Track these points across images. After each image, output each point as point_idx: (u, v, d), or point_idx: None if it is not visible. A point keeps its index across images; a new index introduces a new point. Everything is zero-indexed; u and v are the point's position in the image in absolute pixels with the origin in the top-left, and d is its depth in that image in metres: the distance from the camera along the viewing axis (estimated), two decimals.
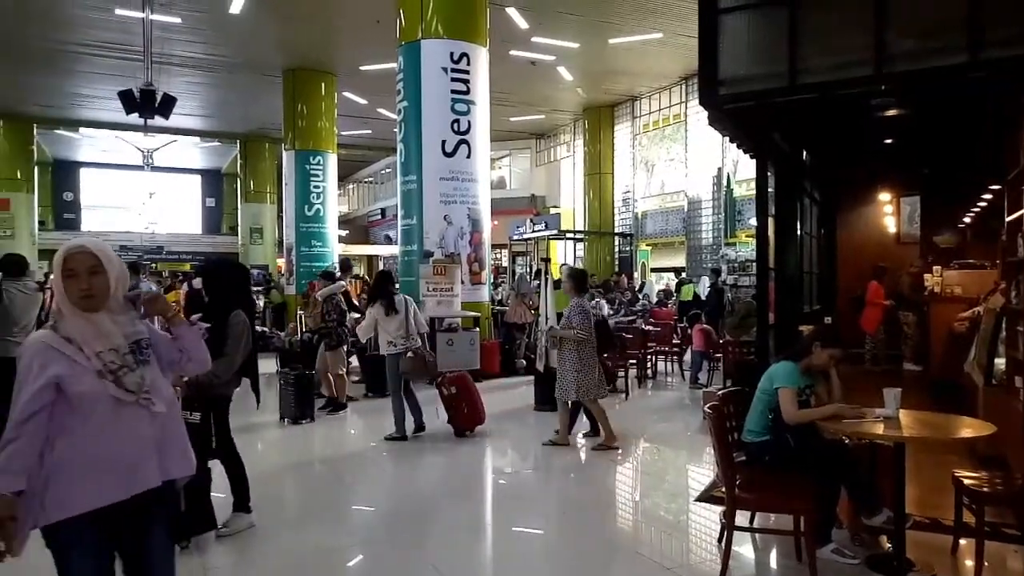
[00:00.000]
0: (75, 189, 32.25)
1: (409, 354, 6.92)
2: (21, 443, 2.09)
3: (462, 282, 10.61)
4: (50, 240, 26.68)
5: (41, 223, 25.17)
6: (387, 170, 31.02)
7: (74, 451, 2.16)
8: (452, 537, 4.54)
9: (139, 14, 12.44)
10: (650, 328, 11.64)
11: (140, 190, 30.64)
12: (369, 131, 23.08)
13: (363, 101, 19.29)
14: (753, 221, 14.55)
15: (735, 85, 4.63)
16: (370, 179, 34.44)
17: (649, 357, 10.79)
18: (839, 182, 9.68)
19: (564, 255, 22.92)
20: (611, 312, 15.72)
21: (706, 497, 4.96)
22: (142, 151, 24.25)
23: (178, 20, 13.55)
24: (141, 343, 2.31)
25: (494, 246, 13.24)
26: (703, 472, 5.90)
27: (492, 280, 12.70)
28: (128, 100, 12.34)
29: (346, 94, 18.23)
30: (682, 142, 19.15)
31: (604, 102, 20.95)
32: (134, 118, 13.41)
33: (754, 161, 5.71)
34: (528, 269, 20.43)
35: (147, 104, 12.22)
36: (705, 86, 4.70)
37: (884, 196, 11.24)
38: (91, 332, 2.20)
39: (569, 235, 21.84)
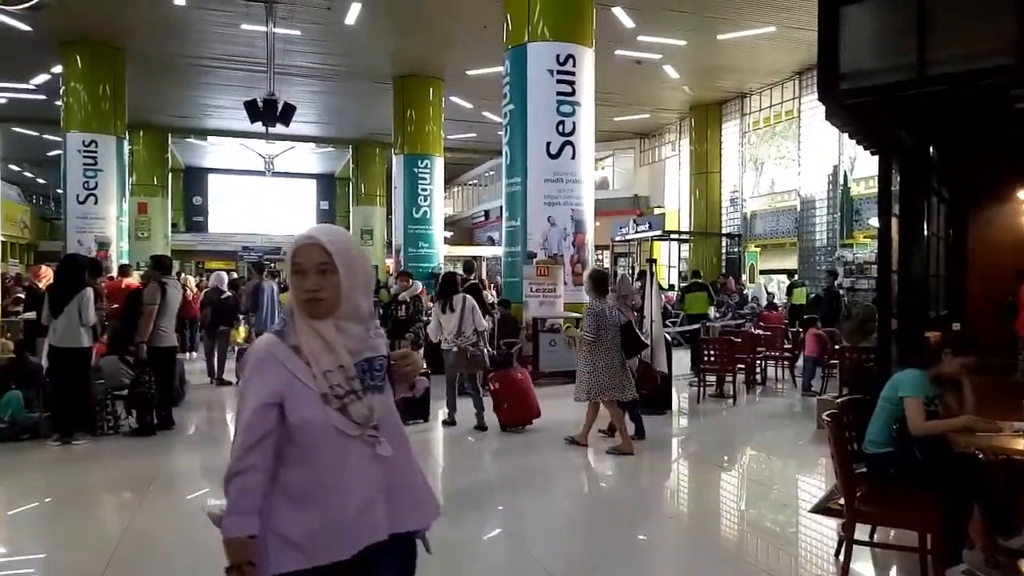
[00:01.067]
0: (203, 193, 34.53)
1: (455, 349, 7.19)
2: (249, 477, 1.73)
3: (565, 283, 10.63)
4: (181, 241, 28.80)
5: (173, 225, 27.13)
6: (491, 172, 31.49)
7: (292, 493, 1.78)
8: (550, 535, 4.56)
9: (263, 28, 13.22)
10: (759, 332, 11.25)
11: (261, 194, 32.50)
12: (474, 134, 23.50)
13: (469, 105, 19.67)
14: (873, 221, 13.82)
15: (857, 79, 4.42)
16: (474, 182, 35.05)
17: (758, 362, 10.43)
18: (970, 179, 9.01)
19: (668, 256, 22.51)
20: (716, 316, 15.34)
21: (822, 509, 4.74)
22: (264, 157, 25.69)
23: (298, 32, 14.27)
24: (374, 363, 1.87)
25: (596, 247, 13.21)
26: (814, 483, 5.66)
27: None
28: (252, 109, 13.15)
29: (453, 99, 18.65)
30: (794, 139, 18.40)
31: (711, 99, 20.43)
32: (257, 126, 14.30)
33: (875, 158, 5.42)
34: (630, 270, 20.20)
35: (269, 113, 12.99)
36: (825, 81, 4.51)
37: (1022, 194, 10.37)
38: (319, 345, 1.80)
39: (673, 236, 21.43)
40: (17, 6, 3.90)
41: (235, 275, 17.12)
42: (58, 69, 15.52)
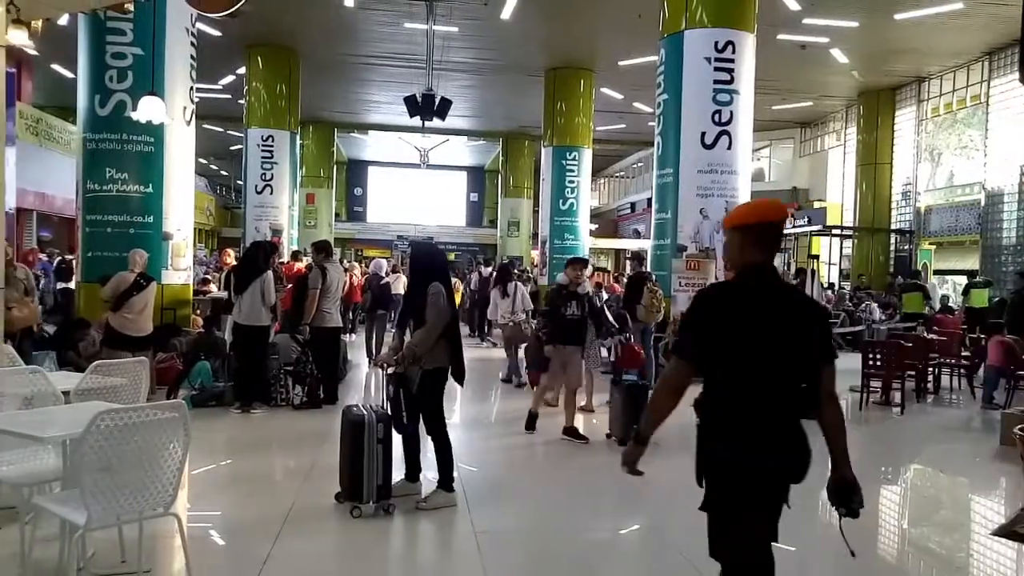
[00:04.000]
0: (363, 185, 36.60)
1: (511, 324, 9.35)
2: None
3: (716, 278, 10.29)
4: (342, 230, 30.72)
5: (336, 215, 28.95)
6: (639, 164, 31.03)
7: None
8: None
9: (423, 26, 13.77)
10: (933, 337, 10.34)
11: (416, 185, 34.00)
12: (623, 125, 23.25)
13: (619, 96, 19.48)
14: None
15: None
16: (621, 173, 34.68)
17: (930, 369, 9.60)
18: None
19: (829, 253, 21.18)
20: (883, 317, 14.28)
21: (1007, 532, 4.33)
22: (419, 150, 26.81)
23: (455, 29, 14.74)
24: None
25: None
26: (992, 505, 5.16)
27: None
28: (412, 104, 13.76)
29: (603, 90, 18.55)
30: (980, 127, 16.67)
31: (884, 85, 18.94)
32: (414, 120, 14.95)
33: None
34: (786, 267, 19.20)
35: (427, 107, 13.54)
36: None
37: None
38: None
39: (835, 231, 20.14)
40: (218, 13, 4.33)
41: (392, 263, 18.02)
42: (242, 71, 17.03)
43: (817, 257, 9.16)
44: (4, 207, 4.24)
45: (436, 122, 15.11)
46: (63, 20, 10.41)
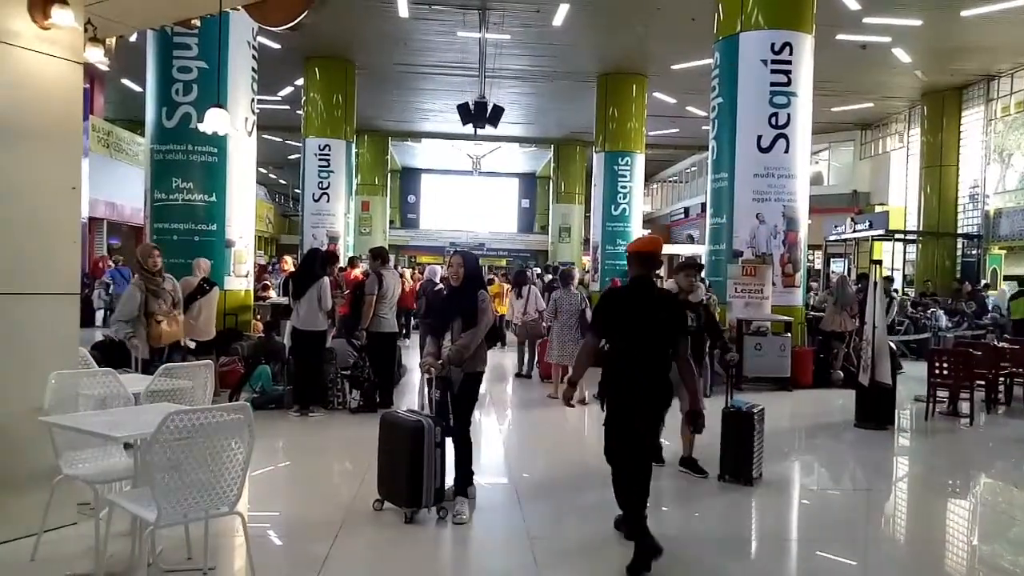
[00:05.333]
0: (416, 192, 37.07)
1: (525, 322, 10.28)
2: None
3: (773, 284, 10.10)
4: (396, 237, 31.15)
5: (390, 222, 29.39)
6: (692, 169, 30.64)
7: None
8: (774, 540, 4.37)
9: (476, 34, 13.90)
10: (1004, 345, 9.91)
11: (468, 192, 34.28)
12: (676, 130, 23.02)
13: (672, 100, 19.30)
14: None
15: None
16: (674, 178, 34.30)
17: (1002, 379, 9.20)
18: None
19: (892, 258, 20.51)
20: (950, 324, 13.75)
21: None
22: (471, 157, 27.02)
23: (508, 37, 14.84)
24: None
25: (809, 247, 12.31)
26: None
27: (806, 283, 11.87)
28: (464, 112, 13.90)
29: (656, 94, 18.41)
30: None
31: (949, 84, 18.28)
32: (466, 128, 15.08)
33: None
34: (846, 272, 18.68)
35: (479, 115, 13.66)
36: None
37: None
38: None
39: (898, 236, 19.49)
40: (280, 26, 4.46)
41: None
42: (300, 82, 17.46)
43: (880, 262, 8.86)
44: (81, 216, 4.43)
45: (488, 129, 15.22)
46: (132, 36, 10.87)
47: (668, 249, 30.03)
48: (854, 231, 19.42)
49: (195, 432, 3.02)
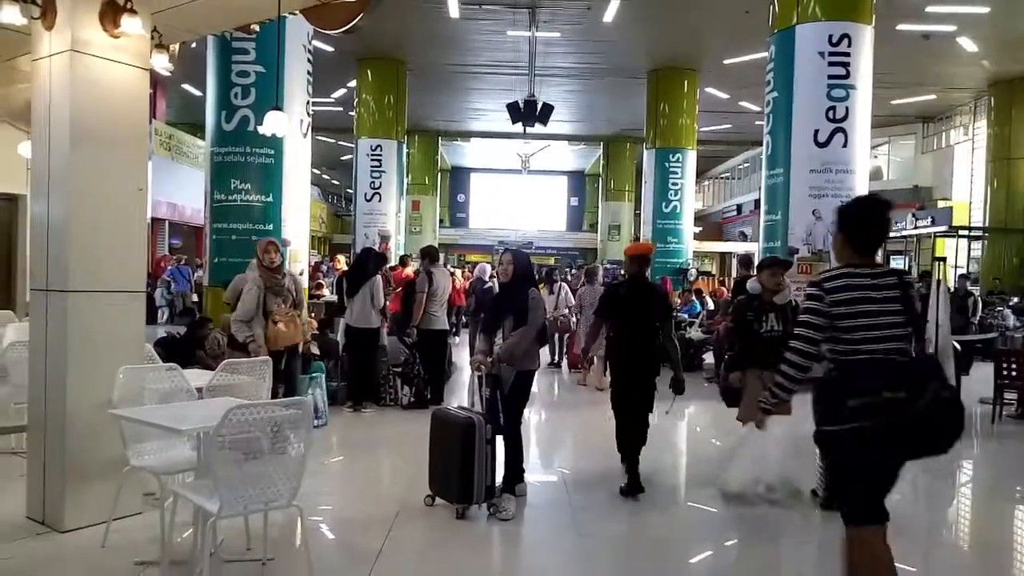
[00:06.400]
0: (466, 191, 37.30)
1: (551, 318, 9.70)
2: None
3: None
4: (446, 236, 31.40)
5: (440, 221, 29.64)
6: (745, 165, 30.07)
7: None
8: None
9: (526, 33, 13.91)
10: None
11: (517, 191, 34.34)
12: (729, 125, 22.63)
13: (724, 95, 18.98)
14: None
15: None
16: (727, 174, 33.73)
17: None
18: None
19: (955, 255, 19.78)
20: (1017, 324, 13.19)
21: None
22: (520, 156, 27.05)
23: (558, 34, 14.81)
24: None
25: None
26: None
27: None
28: (514, 111, 13.93)
29: (708, 89, 18.13)
30: None
31: (1018, 74, 17.51)
32: (516, 127, 15.11)
33: None
34: (907, 270, 18.08)
35: (529, 113, 13.67)
36: None
37: None
38: None
39: (963, 232, 18.78)
40: (336, 30, 4.55)
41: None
42: (352, 83, 17.75)
43: (943, 260, 8.54)
44: (147, 217, 4.61)
45: (538, 128, 15.22)
46: (193, 43, 11.21)
47: (721, 247, 29.67)
48: (915, 227, 18.78)
49: (255, 426, 3.11)
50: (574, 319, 10.49)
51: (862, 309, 2.83)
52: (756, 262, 10.54)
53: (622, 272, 10.53)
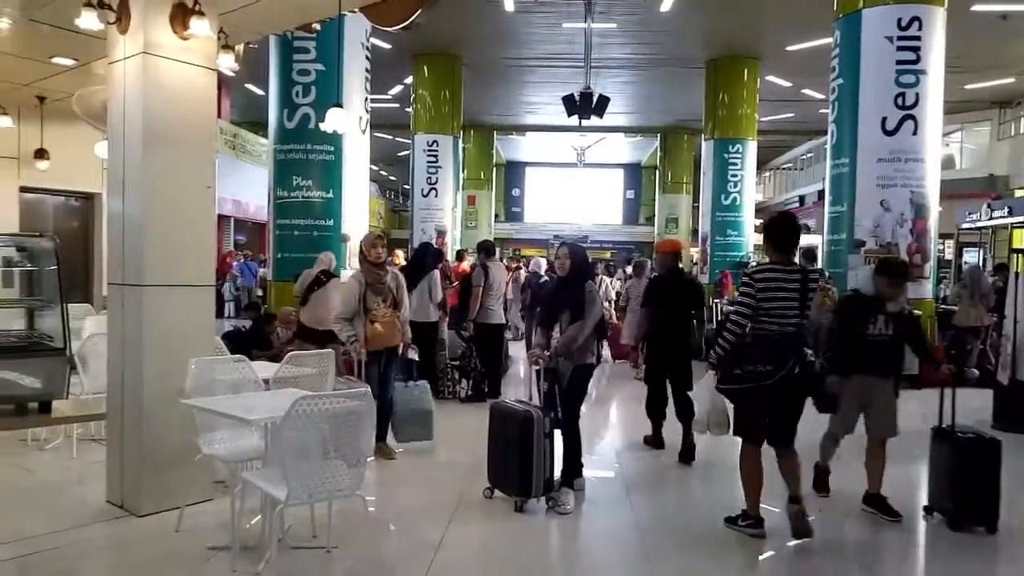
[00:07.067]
0: (521, 186, 37.34)
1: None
2: None
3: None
4: (501, 230, 31.49)
5: (495, 216, 29.74)
6: (808, 155, 29.25)
7: None
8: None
9: (582, 25, 13.81)
10: None
11: (572, 184, 34.20)
12: (791, 114, 22.03)
13: (787, 84, 18.47)
14: None
15: None
16: (788, 165, 32.88)
17: None
18: None
19: None
20: None
21: None
22: (576, 149, 26.91)
23: (614, 25, 14.65)
24: None
25: (940, 235, 11.46)
26: None
27: (937, 275, 11.11)
28: (570, 103, 13.84)
29: (769, 78, 17.66)
30: None
31: None
32: (571, 120, 15.02)
33: None
34: (981, 263, 17.31)
35: (585, 106, 13.56)
36: None
37: None
38: None
39: None
40: (394, 26, 4.60)
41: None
42: (409, 80, 17.94)
43: (1021, 251, 8.14)
44: (215, 213, 4.76)
45: (593, 120, 15.08)
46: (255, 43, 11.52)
47: None
48: (991, 218, 17.95)
49: (321, 416, 3.18)
50: (613, 312, 10.73)
51: (775, 295, 4.01)
52: (817, 254, 10.33)
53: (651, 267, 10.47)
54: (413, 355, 6.28)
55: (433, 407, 6.00)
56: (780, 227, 4.20)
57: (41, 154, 9.04)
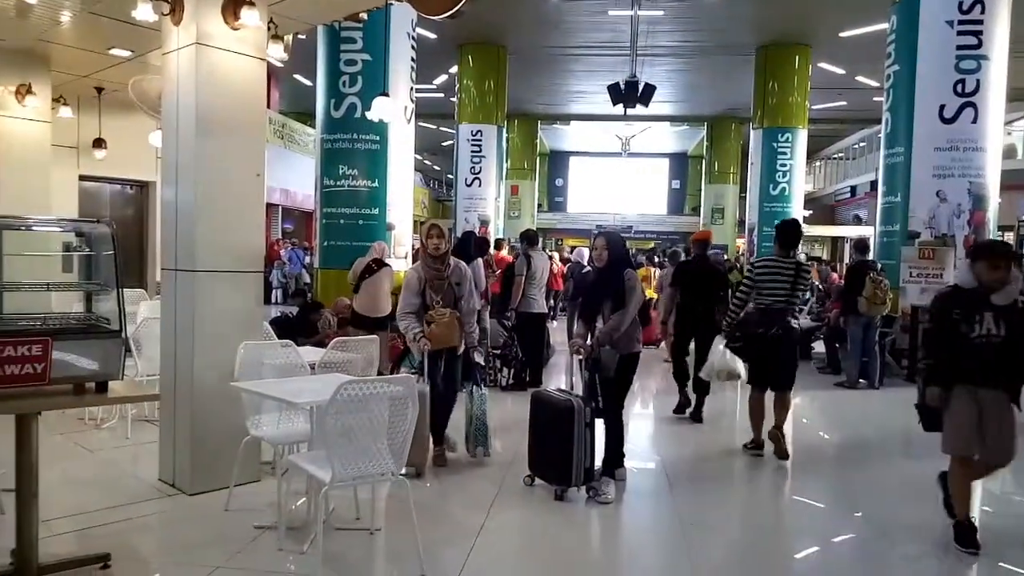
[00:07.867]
0: (564, 176, 37.14)
1: None
2: None
3: (955, 267, 9.20)
4: (544, 220, 31.40)
5: (539, 205, 29.67)
6: (860, 144, 28.42)
7: None
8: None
9: (628, 12, 13.65)
10: None
11: (616, 174, 33.90)
12: (844, 102, 21.44)
13: (840, 71, 17.97)
14: None
15: None
16: (840, 155, 32.00)
17: None
18: None
19: None
20: None
21: None
22: (621, 138, 26.65)
23: (661, 13, 14.44)
24: None
25: (999, 228, 11.02)
26: None
27: None
28: (615, 92, 13.72)
29: (821, 65, 17.21)
30: None
31: None
32: (616, 109, 14.88)
33: None
34: None
35: (630, 95, 13.43)
36: None
37: None
38: None
39: None
40: (440, 15, 4.62)
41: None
42: (454, 69, 17.98)
43: None
44: (264, 201, 4.85)
45: (639, 109, 14.93)
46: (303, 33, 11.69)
47: (833, 231, 28.26)
48: None
49: (365, 401, 3.23)
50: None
51: (770, 279, 5.46)
52: (868, 245, 10.06)
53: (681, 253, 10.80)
54: (479, 358, 5.74)
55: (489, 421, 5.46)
56: (782, 230, 5.62)
57: (99, 144, 9.35)
